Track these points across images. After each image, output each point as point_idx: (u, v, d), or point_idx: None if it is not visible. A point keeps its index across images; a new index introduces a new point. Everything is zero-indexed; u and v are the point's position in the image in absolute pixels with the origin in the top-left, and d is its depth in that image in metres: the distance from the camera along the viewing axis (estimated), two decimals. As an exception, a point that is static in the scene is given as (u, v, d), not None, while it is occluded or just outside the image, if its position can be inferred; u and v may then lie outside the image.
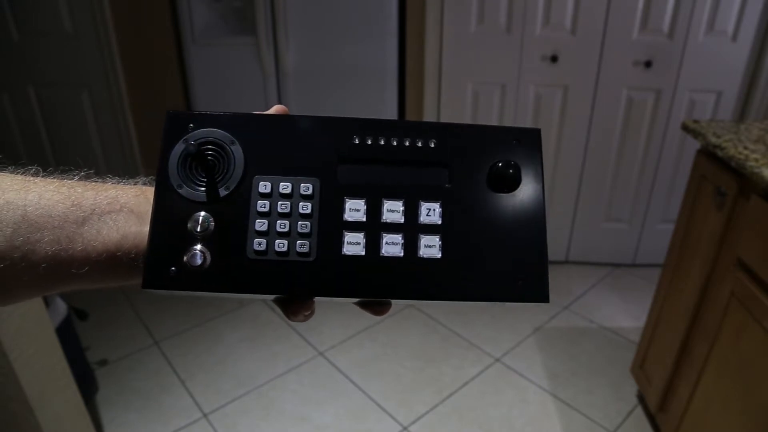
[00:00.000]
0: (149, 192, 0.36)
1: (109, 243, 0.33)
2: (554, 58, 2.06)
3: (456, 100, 2.18)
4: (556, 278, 2.38)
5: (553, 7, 2.00)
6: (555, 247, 2.46)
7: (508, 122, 2.20)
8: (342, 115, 0.37)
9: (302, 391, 1.73)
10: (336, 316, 2.07)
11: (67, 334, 1.42)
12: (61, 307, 1.47)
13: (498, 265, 0.34)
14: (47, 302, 1.37)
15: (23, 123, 2.30)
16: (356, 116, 0.37)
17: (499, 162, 0.35)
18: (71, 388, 1.15)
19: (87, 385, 1.56)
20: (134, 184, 0.37)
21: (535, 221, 0.35)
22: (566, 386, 1.75)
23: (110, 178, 0.37)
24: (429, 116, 2.21)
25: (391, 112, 2.19)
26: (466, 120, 2.21)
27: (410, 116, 2.22)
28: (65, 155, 2.34)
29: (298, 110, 2.19)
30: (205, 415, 1.63)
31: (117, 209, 0.34)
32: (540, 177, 0.36)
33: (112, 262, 0.33)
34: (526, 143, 0.37)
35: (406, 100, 2.20)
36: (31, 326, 0.99)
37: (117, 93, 2.20)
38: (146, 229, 0.34)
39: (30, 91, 2.24)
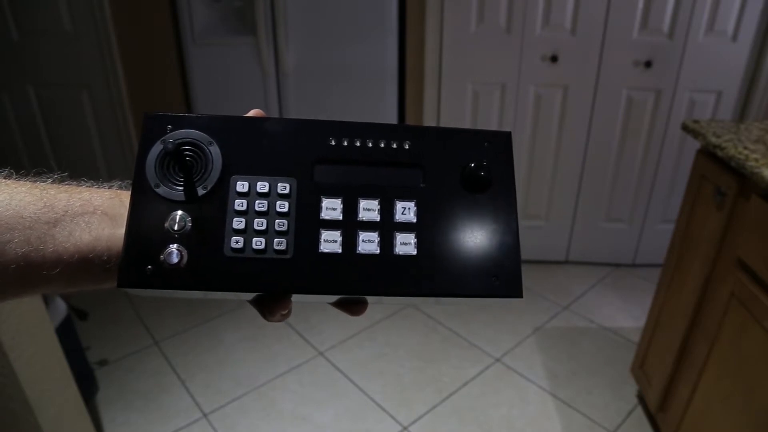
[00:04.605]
0: (124, 195, 0.36)
1: (81, 244, 0.33)
2: (554, 58, 2.06)
3: (456, 100, 2.18)
4: (556, 278, 2.38)
5: (553, 7, 2.00)
6: (555, 247, 2.46)
7: (508, 122, 2.20)
8: (328, 118, 0.37)
9: (302, 391, 1.73)
10: (336, 316, 2.06)
11: (67, 334, 1.41)
12: (61, 307, 1.47)
13: (472, 262, 0.35)
14: (47, 302, 1.37)
15: (23, 123, 2.30)
16: (347, 117, 0.37)
17: (471, 163, 0.37)
18: (71, 388, 1.16)
19: (87, 385, 1.56)
20: (109, 188, 0.37)
21: (507, 219, 0.36)
22: (566, 386, 1.75)
23: (84, 181, 0.37)
24: (429, 116, 2.21)
25: (391, 112, 2.19)
26: (466, 120, 2.21)
27: (410, 116, 2.22)
28: (65, 155, 2.34)
29: (298, 110, 2.20)
30: (205, 415, 1.63)
31: (90, 211, 0.34)
32: (511, 178, 0.37)
33: (84, 264, 0.33)
34: (497, 145, 0.38)
35: (406, 100, 2.20)
36: (31, 326, 0.99)
37: (117, 93, 2.20)
38: (120, 231, 0.33)
39: (30, 90, 2.24)
